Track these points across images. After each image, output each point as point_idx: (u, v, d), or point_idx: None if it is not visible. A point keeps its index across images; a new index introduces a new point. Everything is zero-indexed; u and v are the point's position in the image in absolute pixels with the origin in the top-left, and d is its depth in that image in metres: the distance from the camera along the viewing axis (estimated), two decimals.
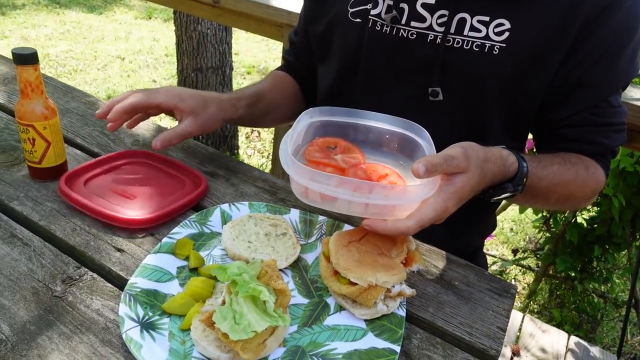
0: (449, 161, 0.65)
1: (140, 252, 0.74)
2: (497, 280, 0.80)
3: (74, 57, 4.83)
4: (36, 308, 0.63)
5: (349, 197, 0.65)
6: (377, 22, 0.87)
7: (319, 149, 0.79)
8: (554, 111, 0.88)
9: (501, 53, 0.81)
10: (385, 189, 0.67)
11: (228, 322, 0.55)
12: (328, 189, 0.65)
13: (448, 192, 0.66)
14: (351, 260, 0.67)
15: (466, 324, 0.71)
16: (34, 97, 0.79)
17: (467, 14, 0.81)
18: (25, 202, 0.81)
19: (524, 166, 0.78)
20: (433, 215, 0.65)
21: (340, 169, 0.75)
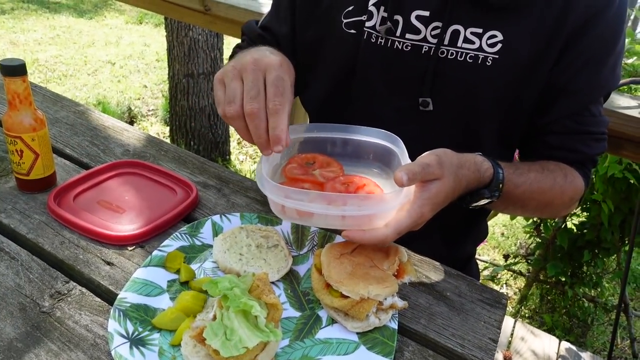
0: (426, 169, 0.67)
1: (130, 265, 0.73)
2: (489, 290, 0.80)
3: (63, 62, 4.79)
4: (23, 324, 0.62)
5: (324, 211, 0.66)
6: (372, 34, 0.87)
7: (298, 166, 0.80)
8: (538, 116, 0.89)
9: (494, 64, 0.82)
10: (359, 199, 0.68)
11: (219, 338, 0.55)
12: (303, 204, 0.66)
13: (423, 199, 0.68)
14: (343, 273, 0.67)
15: (458, 336, 0.71)
16: (22, 109, 0.78)
17: (460, 26, 0.82)
18: (12, 215, 0.80)
19: (499, 172, 0.78)
20: (409, 222, 0.66)
21: (319, 183, 0.76)
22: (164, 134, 3.82)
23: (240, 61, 0.72)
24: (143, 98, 4.38)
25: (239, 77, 0.70)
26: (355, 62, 0.90)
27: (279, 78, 0.69)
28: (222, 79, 0.71)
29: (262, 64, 0.70)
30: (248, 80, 0.68)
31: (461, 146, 0.77)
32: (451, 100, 0.87)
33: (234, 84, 0.69)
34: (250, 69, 0.69)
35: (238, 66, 0.71)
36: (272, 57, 0.73)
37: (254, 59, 0.71)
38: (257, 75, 0.69)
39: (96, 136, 1.06)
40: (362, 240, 0.67)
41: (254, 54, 0.74)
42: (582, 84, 0.85)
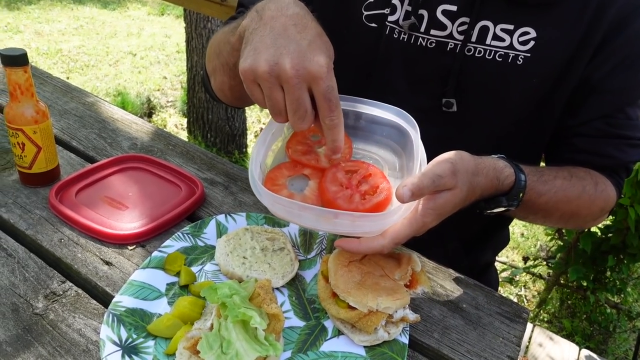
0: (437, 181, 0.61)
1: (129, 265, 0.70)
2: (508, 302, 0.75)
3: (86, 53, 4.84)
4: (14, 327, 0.59)
5: (314, 224, 0.63)
6: (395, 30, 0.81)
7: (302, 140, 0.74)
8: (569, 116, 0.83)
9: (526, 63, 0.77)
10: (351, 216, 0.62)
11: (214, 352, 0.51)
12: (292, 213, 0.62)
13: (428, 208, 0.62)
14: (351, 282, 0.62)
15: (474, 353, 0.66)
16: (23, 100, 0.76)
17: (490, 22, 0.76)
18: (13, 210, 0.77)
19: (521, 180, 0.73)
20: (409, 232, 0.61)
21: (320, 169, 0.70)
22: (182, 126, 3.82)
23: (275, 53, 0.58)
24: (162, 89, 4.39)
25: (278, 84, 0.59)
26: (375, 58, 0.85)
27: (329, 89, 0.59)
28: (253, 79, 0.60)
29: (307, 74, 0.58)
30: (292, 95, 0.58)
31: (484, 149, 0.72)
32: (477, 101, 0.81)
33: (275, 95, 0.59)
34: (293, 82, 0.57)
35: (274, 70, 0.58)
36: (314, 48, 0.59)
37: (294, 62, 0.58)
38: (300, 90, 0.58)
39: (104, 129, 1.03)
40: (357, 251, 0.63)
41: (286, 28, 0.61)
42: (616, 83, 0.78)
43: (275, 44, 0.59)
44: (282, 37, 0.60)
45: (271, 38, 0.60)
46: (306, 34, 0.60)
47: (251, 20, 0.64)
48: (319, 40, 0.61)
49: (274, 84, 0.59)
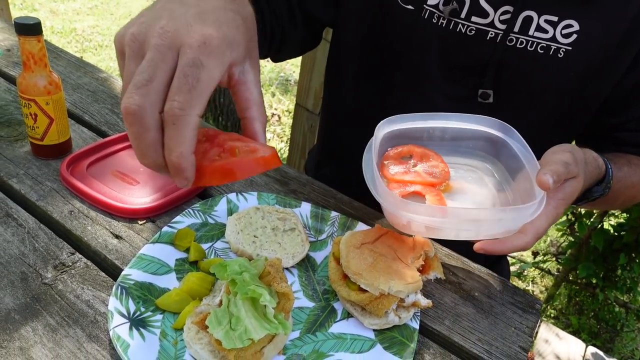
0: (567, 168, 0.62)
1: (138, 240, 0.70)
2: (522, 293, 0.73)
3: (100, 33, 4.83)
4: (23, 295, 0.59)
5: (457, 227, 0.62)
6: (434, 14, 0.78)
7: (395, 162, 0.73)
8: (611, 115, 0.82)
9: (566, 56, 0.75)
10: (498, 212, 0.63)
11: (223, 328, 0.51)
12: (434, 220, 0.61)
13: (558, 199, 0.64)
14: (363, 264, 0.61)
15: (485, 341, 0.65)
16: (36, 70, 0.75)
17: (534, 12, 0.74)
18: (24, 180, 0.77)
19: (609, 167, 0.73)
20: (547, 226, 0.62)
21: (430, 184, 0.70)
22: None
23: (153, 16, 0.43)
24: None
25: (140, 54, 0.41)
26: (408, 42, 0.81)
27: (192, 63, 0.40)
28: (121, 47, 0.43)
29: (177, 37, 0.41)
30: (146, 58, 0.40)
31: None
32: (514, 93, 0.80)
33: (131, 65, 0.41)
34: (154, 42, 0.40)
35: (141, 34, 0.42)
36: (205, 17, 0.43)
37: (165, 24, 0.41)
38: (160, 53, 0.40)
39: (117, 104, 1.02)
40: (501, 252, 0.63)
41: None
42: None
43: (163, 8, 0.43)
44: (175, 3, 0.44)
45: (162, 4, 0.45)
46: (206, 3, 0.44)
47: None
48: (219, 13, 0.43)
49: (135, 51, 0.41)
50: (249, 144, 0.45)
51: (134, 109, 0.38)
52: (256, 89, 0.45)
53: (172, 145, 0.39)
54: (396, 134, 0.73)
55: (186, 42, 0.40)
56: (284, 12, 0.86)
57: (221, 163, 0.41)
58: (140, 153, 0.40)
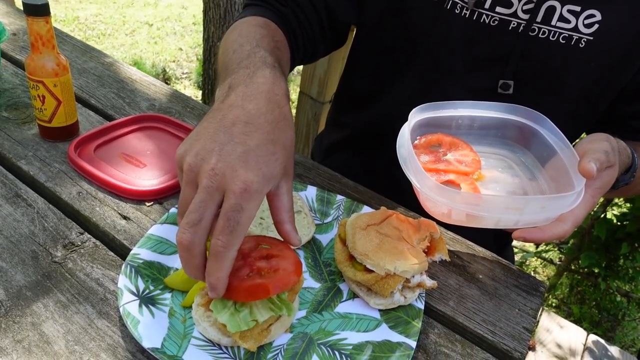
0: (607, 157, 0.63)
1: (146, 221, 0.70)
2: (526, 276, 0.74)
3: (102, 21, 4.82)
4: (34, 273, 0.60)
5: (499, 215, 0.62)
6: (457, 4, 0.77)
7: (425, 151, 0.73)
8: (627, 104, 0.82)
9: (587, 47, 0.75)
10: (541, 201, 0.63)
11: (227, 310, 0.51)
12: (478, 209, 0.61)
13: (595, 188, 0.64)
14: (369, 245, 0.62)
15: (489, 322, 0.65)
16: (44, 52, 0.75)
17: (557, 2, 0.74)
18: (33, 162, 0.78)
19: (635, 156, 0.74)
20: (585, 214, 0.63)
21: (463, 173, 0.69)
22: (197, 98, 3.81)
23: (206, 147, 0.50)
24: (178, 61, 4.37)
25: (194, 183, 0.49)
26: (429, 33, 0.81)
27: (234, 208, 0.47)
28: (180, 166, 0.52)
29: (223, 183, 0.47)
30: (197, 197, 0.48)
31: None
32: (534, 83, 0.80)
33: (187, 191, 0.50)
34: (205, 183, 0.48)
35: (197, 166, 0.49)
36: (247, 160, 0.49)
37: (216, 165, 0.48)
38: (209, 194, 0.47)
39: (123, 89, 1.03)
40: (539, 240, 0.64)
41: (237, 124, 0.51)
42: None
43: (214, 138, 0.50)
44: (225, 133, 0.51)
45: (214, 129, 0.51)
46: (252, 138, 0.50)
47: (218, 96, 0.57)
48: (262, 150, 0.50)
49: (191, 179, 0.49)
50: (272, 262, 0.54)
51: (186, 244, 0.48)
52: (287, 197, 0.54)
53: (211, 271, 0.48)
54: (424, 122, 0.73)
55: (230, 188, 0.47)
56: (316, 32, 0.88)
57: (248, 285, 0.51)
58: (186, 270, 0.51)
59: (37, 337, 0.53)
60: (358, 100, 1.00)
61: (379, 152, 0.98)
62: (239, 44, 0.67)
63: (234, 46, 0.68)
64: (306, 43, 0.88)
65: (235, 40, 0.70)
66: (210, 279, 0.48)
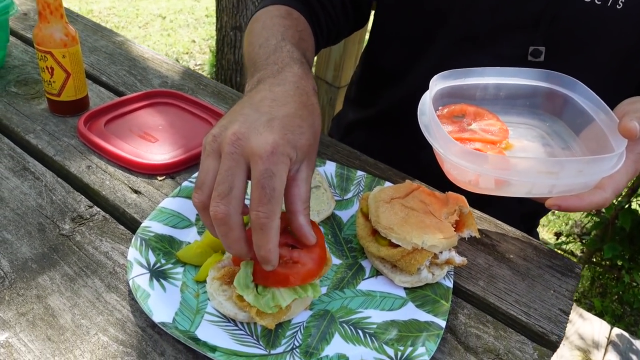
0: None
1: (158, 195, 0.67)
2: (559, 257, 0.69)
3: (116, 14, 4.82)
4: (40, 245, 0.57)
5: (532, 179, 0.56)
6: None
7: (448, 122, 0.68)
8: None
9: (625, 7, 0.70)
10: (579, 163, 0.57)
11: (252, 291, 0.48)
12: (508, 173, 0.55)
13: (637, 153, 0.59)
14: (394, 219, 0.58)
15: (523, 303, 0.61)
16: (52, 21, 0.72)
17: None
18: (41, 136, 0.75)
19: None
20: (626, 181, 0.58)
21: (490, 141, 0.64)
22: None
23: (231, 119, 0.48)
24: (191, 53, 4.36)
25: (217, 153, 0.47)
26: (456, 1, 0.77)
27: (266, 174, 0.44)
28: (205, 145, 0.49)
29: (248, 147, 0.45)
30: (222, 166, 0.45)
31: None
32: (567, 49, 0.74)
33: (208, 162, 0.47)
34: (229, 149, 0.45)
35: (220, 135, 0.47)
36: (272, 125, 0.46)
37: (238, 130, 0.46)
38: (235, 161, 0.45)
39: (134, 66, 1.00)
40: (577, 209, 0.58)
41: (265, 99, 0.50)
42: None
43: (240, 112, 0.49)
44: (252, 108, 0.49)
45: (240, 107, 0.50)
46: (278, 110, 0.49)
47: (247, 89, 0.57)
48: (288, 120, 0.48)
49: (214, 149, 0.47)
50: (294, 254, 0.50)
51: (221, 216, 0.45)
52: (305, 186, 0.49)
53: (261, 244, 0.45)
54: (447, 91, 0.68)
55: (256, 151, 0.44)
56: (339, 14, 0.85)
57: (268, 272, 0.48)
58: (227, 246, 0.47)
59: (42, 310, 0.50)
60: (383, 78, 0.95)
61: (402, 130, 0.94)
62: (265, 37, 0.66)
63: (259, 40, 0.66)
64: (330, 26, 0.85)
65: (260, 34, 0.68)
66: (261, 252, 0.45)
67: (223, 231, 0.45)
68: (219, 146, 0.47)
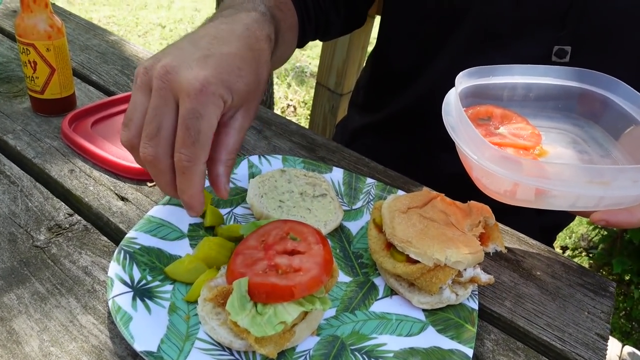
0: None
1: (147, 203, 0.60)
2: (591, 274, 0.62)
3: (115, 23, 4.80)
4: (9, 258, 0.50)
5: (580, 191, 0.49)
6: None
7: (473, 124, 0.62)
8: None
9: None
10: (634, 171, 0.49)
11: (248, 313, 0.41)
12: (551, 183, 0.49)
13: None
14: (411, 231, 0.51)
15: (555, 327, 0.54)
16: (36, 10, 0.66)
17: None
18: (21, 137, 0.68)
19: None
20: None
21: (522, 147, 0.58)
22: None
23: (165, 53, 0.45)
24: None
25: (148, 87, 0.44)
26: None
27: (192, 114, 0.41)
28: (135, 76, 0.46)
29: (176, 81, 0.42)
30: (151, 104, 0.43)
31: None
32: (594, 50, 0.69)
33: (137, 96, 0.44)
34: (157, 84, 0.42)
35: (152, 68, 0.44)
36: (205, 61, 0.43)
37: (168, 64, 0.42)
38: (163, 98, 0.42)
39: (128, 66, 0.94)
40: (628, 225, 0.52)
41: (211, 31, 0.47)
42: None
43: (177, 46, 0.46)
44: (190, 42, 0.46)
45: (180, 41, 0.47)
46: (217, 47, 0.45)
47: None
48: (225, 60, 0.44)
49: (144, 83, 0.44)
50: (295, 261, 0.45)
51: (150, 158, 0.43)
52: (237, 135, 0.46)
53: (183, 188, 0.44)
54: (470, 92, 0.61)
55: (184, 88, 0.42)
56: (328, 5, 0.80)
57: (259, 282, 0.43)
58: (160, 187, 0.46)
59: (5, 334, 0.43)
60: (393, 81, 0.89)
61: (414, 135, 0.88)
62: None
63: None
64: (319, 17, 0.80)
65: None
66: (184, 196, 0.44)
67: (154, 174, 0.44)
68: (149, 79, 0.44)
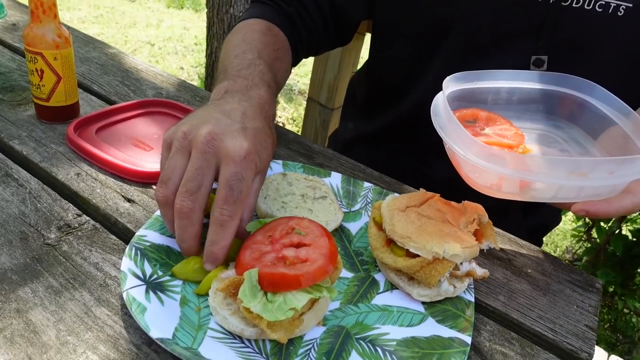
0: None
1: (153, 204, 0.62)
2: (579, 272, 0.65)
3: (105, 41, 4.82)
4: (22, 255, 0.51)
5: (560, 182, 0.52)
6: None
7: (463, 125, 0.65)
8: None
9: (627, 14, 0.69)
10: (610, 163, 0.53)
11: (259, 300, 0.43)
12: (535, 174, 0.52)
13: None
14: (410, 227, 0.54)
15: (547, 319, 0.57)
16: (45, 21, 0.68)
17: None
18: (27, 142, 0.70)
19: None
20: None
21: (507, 145, 0.61)
22: None
23: (203, 120, 0.50)
24: None
25: (187, 150, 0.49)
26: (455, 10, 0.76)
27: (236, 177, 0.47)
28: (170, 142, 0.50)
29: (222, 148, 0.48)
30: (193, 164, 0.47)
31: None
32: (570, 58, 0.74)
33: (177, 158, 0.48)
34: (202, 148, 0.47)
35: (192, 133, 0.49)
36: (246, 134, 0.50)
37: (213, 130, 0.48)
38: (207, 161, 0.47)
39: (127, 77, 0.96)
40: (605, 214, 0.54)
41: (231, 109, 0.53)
42: None
43: (211, 115, 0.52)
44: (223, 114, 0.52)
45: (211, 112, 0.53)
46: (249, 122, 0.52)
47: (214, 96, 0.60)
48: (258, 132, 0.52)
49: (184, 146, 0.48)
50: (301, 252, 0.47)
51: (187, 211, 0.47)
52: (255, 197, 0.53)
53: (217, 240, 0.48)
54: (457, 95, 0.65)
55: (230, 154, 0.47)
56: (320, 30, 0.86)
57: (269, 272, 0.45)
58: (180, 239, 0.49)
59: (22, 325, 0.44)
60: (387, 95, 0.94)
61: (407, 144, 0.91)
62: (242, 50, 0.69)
63: (236, 51, 0.70)
64: (310, 40, 0.87)
65: (239, 45, 0.71)
66: (214, 247, 0.47)
67: (183, 225, 0.48)
68: (189, 143, 0.48)
